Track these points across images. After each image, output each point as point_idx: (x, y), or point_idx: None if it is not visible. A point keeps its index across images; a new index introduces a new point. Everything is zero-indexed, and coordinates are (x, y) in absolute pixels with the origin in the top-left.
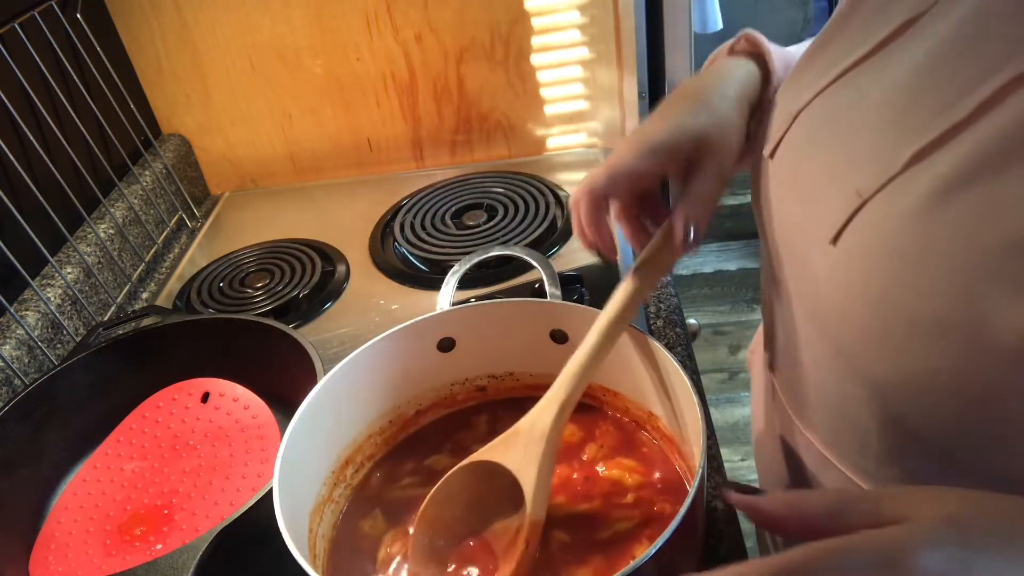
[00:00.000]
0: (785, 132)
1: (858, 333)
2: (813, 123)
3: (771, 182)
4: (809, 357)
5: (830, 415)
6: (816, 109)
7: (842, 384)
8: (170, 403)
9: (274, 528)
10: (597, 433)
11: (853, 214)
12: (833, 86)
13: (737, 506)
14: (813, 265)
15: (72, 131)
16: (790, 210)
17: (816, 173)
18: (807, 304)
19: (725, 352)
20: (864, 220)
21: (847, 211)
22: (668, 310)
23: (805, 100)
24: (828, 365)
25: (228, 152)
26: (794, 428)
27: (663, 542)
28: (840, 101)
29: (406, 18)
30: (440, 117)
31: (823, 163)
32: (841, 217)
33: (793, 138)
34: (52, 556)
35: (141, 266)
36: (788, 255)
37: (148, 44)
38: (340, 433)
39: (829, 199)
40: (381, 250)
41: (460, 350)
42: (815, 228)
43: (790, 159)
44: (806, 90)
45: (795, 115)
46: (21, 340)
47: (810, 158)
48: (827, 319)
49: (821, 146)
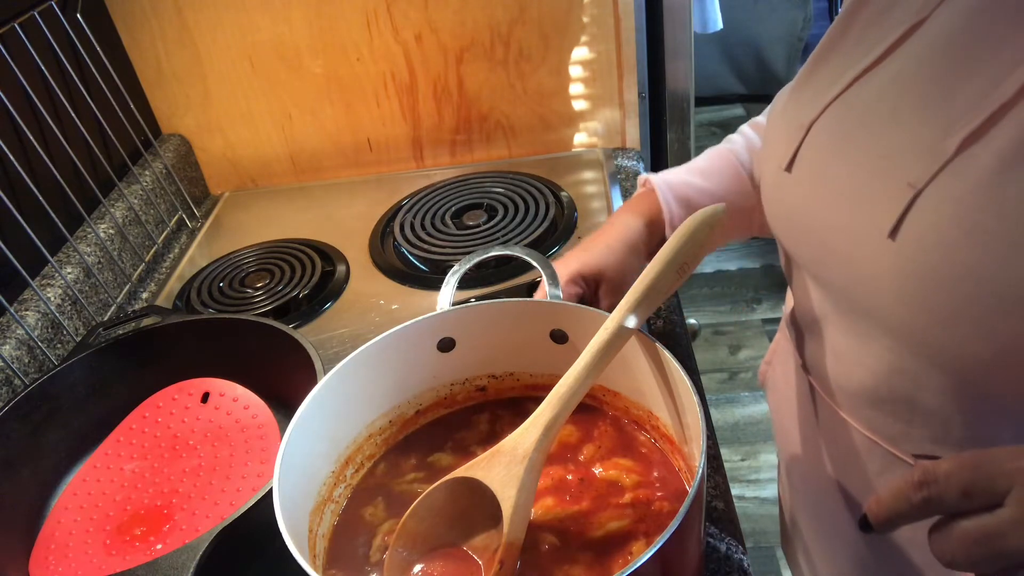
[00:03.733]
0: (800, 143)
1: (938, 319)
2: (833, 130)
3: (793, 193)
4: (871, 357)
5: (898, 410)
6: (833, 116)
7: (916, 377)
8: (170, 403)
9: (274, 528)
10: (595, 433)
11: (909, 205)
12: (847, 93)
13: None
14: (867, 263)
15: (72, 131)
16: (826, 215)
17: (850, 175)
18: (864, 301)
19: (725, 352)
20: (923, 208)
21: (901, 203)
22: (668, 310)
23: (818, 110)
24: (896, 360)
25: (228, 152)
26: (849, 430)
27: (663, 542)
28: (859, 105)
29: (406, 18)
30: (440, 117)
31: (857, 165)
32: (895, 210)
33: (812, 147)
34: (52, 556)
35: (141, 266)
36: (830, 259)
37: (148, 44)
38: (340, 433)
39: (875, 196)
40: (381, 250)
41: (460, 350)
42: (864, 226)
43: (813, 167)
44: (815, 101)
45: (808, 126)
46: (21, 340)
47: (838, 162)
48: (894, 312)
49: (849, 149)
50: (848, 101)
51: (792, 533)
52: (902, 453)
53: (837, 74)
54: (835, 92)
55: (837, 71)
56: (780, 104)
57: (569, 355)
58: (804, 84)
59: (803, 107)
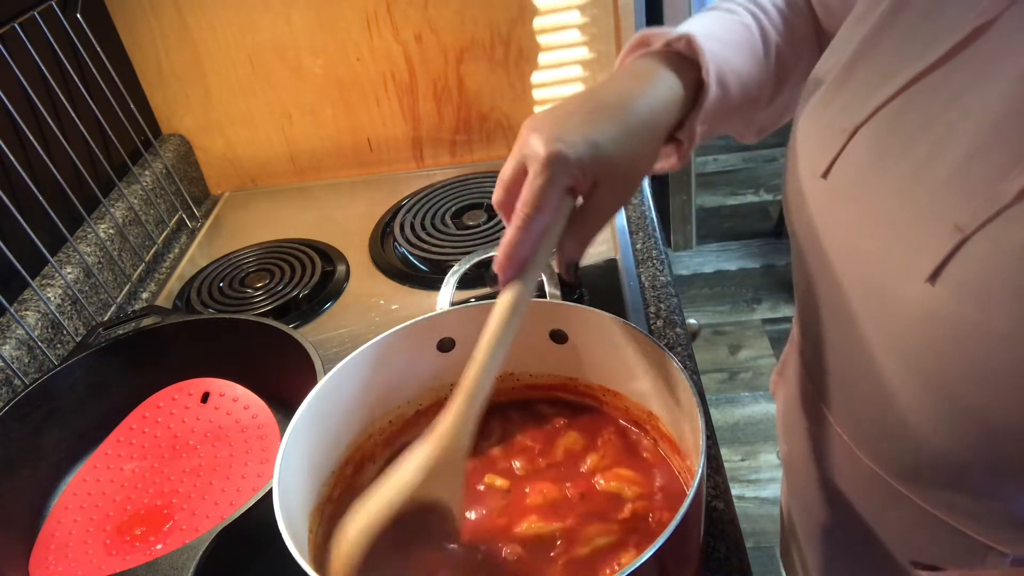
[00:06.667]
0: (841, 150)
1: (971, 376)
2: (879, 142)
3: (827, 205)
4: (882, 391)
5: (907, 449)
6: (880, 126)
7: (934, 421)
8: (170, 403)
9: (274, 528)
10: (599, 443)
11: (954, 250)
12: (897, 100)
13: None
14: (902, 303)
15: (72, 131)
16: (861, 241)
17: (892, 200)
18: (894, 341)
19: (725, 352)
20: (969, 255)
21: (945, 247)
22: (668, 310)
23: (863, 115)
24: (912, 401)
25: (228, 152)
26: (858, 463)
27: (663, 542)
28: (911, 118)
29: (406, 18)
30: (440, 117)
31: (901, 190)
32: (939, 254)
33: (854, 158)
34: (52, 556)
35: (141, 266)
36: (861, 288)
37: (148, 44)
38: (340, 433)
39: (917, 232)
40: (381, 250)
41: (460, 350)
42: (902, 263)
43: (853, 181)
44: (860, 103)
45: (852, 132)
46: (21, 340)
47: (880, 181)
48: (920, 356)
49: (894, 169)
50: (898, 110)
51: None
52: (915, 494)
53: (884, 74)
54: (884, 96)
55: (884, 70)
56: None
57: (569, 355)
58: (843, 82)
59: (844, 109)
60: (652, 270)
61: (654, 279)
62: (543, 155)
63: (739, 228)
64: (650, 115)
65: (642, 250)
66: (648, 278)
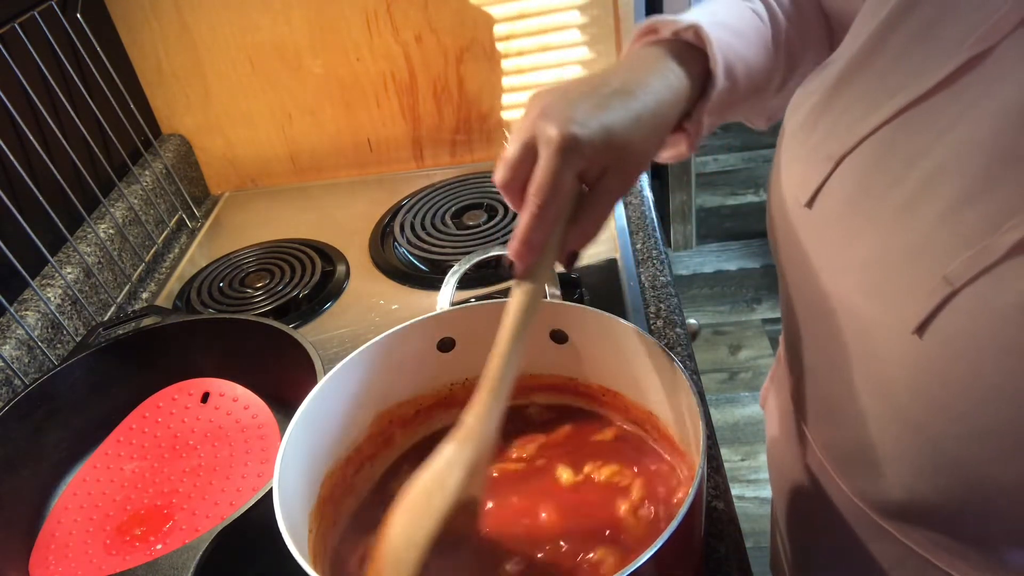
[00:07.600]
0: (825, 180)
1: (958, 430)
2: (866, 176)
3: (809, 235)
4: (875, 435)
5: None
6: (867, 157)
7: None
8: (170, 403)
9: (274, 528)
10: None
11: (942, 303)
12: (885, 129)
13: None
14: (888, 352)
15: (72, 131)
16: (846, 280)
17: (879, 243)
18: (879, 387)
19: (725, 352)
20: (958, 310)
21: (933, 300)
22: (668, 310)
23: (849, 144)
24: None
25: (228, 152)
26: (842, 494)
27: (663, 542)
28: (899, 152)
29: (406, 18)
30: (440, 117)
31: (887, 231)
32: (926, 306)
33: (838, 189)
34: (52, 556)
35: (141, 266)
36: (846, 330)
37: (148, 44)
38: (340, 433)
39: (904, 281)
40: (381, 250)
41: (460, 350)
42: (887, 312)
43: (837, 215)
44: (846, 129)
45: (838, 160)
46: (21, 340)
47: (866, 221)
48: (914, 410)
49: (880, 207)
50: (886, 140)
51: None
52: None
53: (873, 100)
54: (871, 125)
55: (873, 95)
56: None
57: (569, 355)
58: (828, 104)
59: (830, 134)
60: (652, 270)
61: (654, 279)
62: (557, 137)
63: (739, 228)
64: (657, 104)
65: (642, 250)
66: (648, 278)
